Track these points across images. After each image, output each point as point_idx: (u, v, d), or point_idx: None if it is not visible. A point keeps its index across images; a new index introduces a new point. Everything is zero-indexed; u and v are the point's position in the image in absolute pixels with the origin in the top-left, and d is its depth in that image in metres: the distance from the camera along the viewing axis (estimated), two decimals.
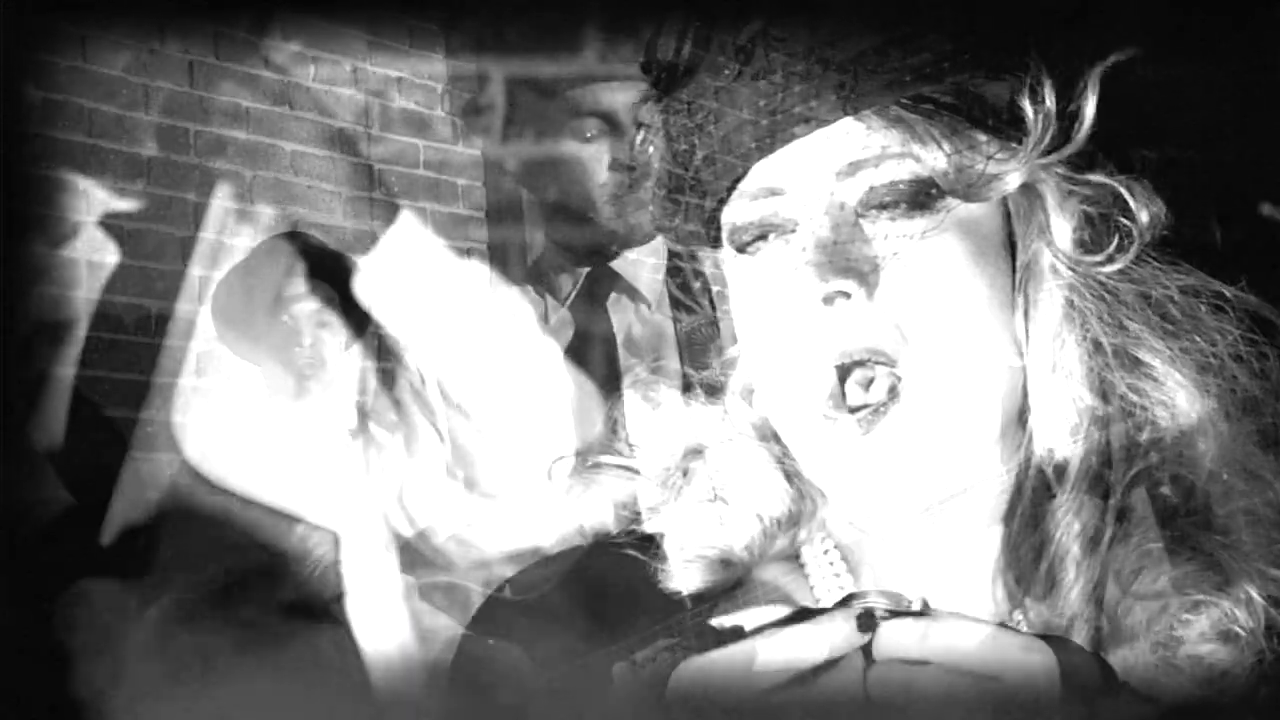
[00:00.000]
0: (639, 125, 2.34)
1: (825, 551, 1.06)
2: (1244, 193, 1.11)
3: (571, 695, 0.97)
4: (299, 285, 3.01)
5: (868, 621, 0.78)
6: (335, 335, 3.05)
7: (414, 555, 2.25)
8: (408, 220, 3.90)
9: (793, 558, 1.07)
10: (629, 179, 2.30)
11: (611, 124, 2.27)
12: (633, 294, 2.37)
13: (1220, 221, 1.01)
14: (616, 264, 2.37)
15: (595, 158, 2.29)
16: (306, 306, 3.01)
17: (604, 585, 1.07)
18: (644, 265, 2.37)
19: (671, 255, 2.42)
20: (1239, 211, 1.10)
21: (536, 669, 1.05)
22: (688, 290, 2.30)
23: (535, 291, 2.41)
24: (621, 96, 2.28)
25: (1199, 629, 0.89)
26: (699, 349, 2.26)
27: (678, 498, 1.07)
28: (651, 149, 2.31)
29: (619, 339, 2.32)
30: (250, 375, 3.09)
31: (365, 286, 3.07)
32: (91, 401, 3.38)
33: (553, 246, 2.41)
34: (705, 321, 2.38)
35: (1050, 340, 0.97)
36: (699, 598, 1.02)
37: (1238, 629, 0.88)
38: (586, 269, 2.38)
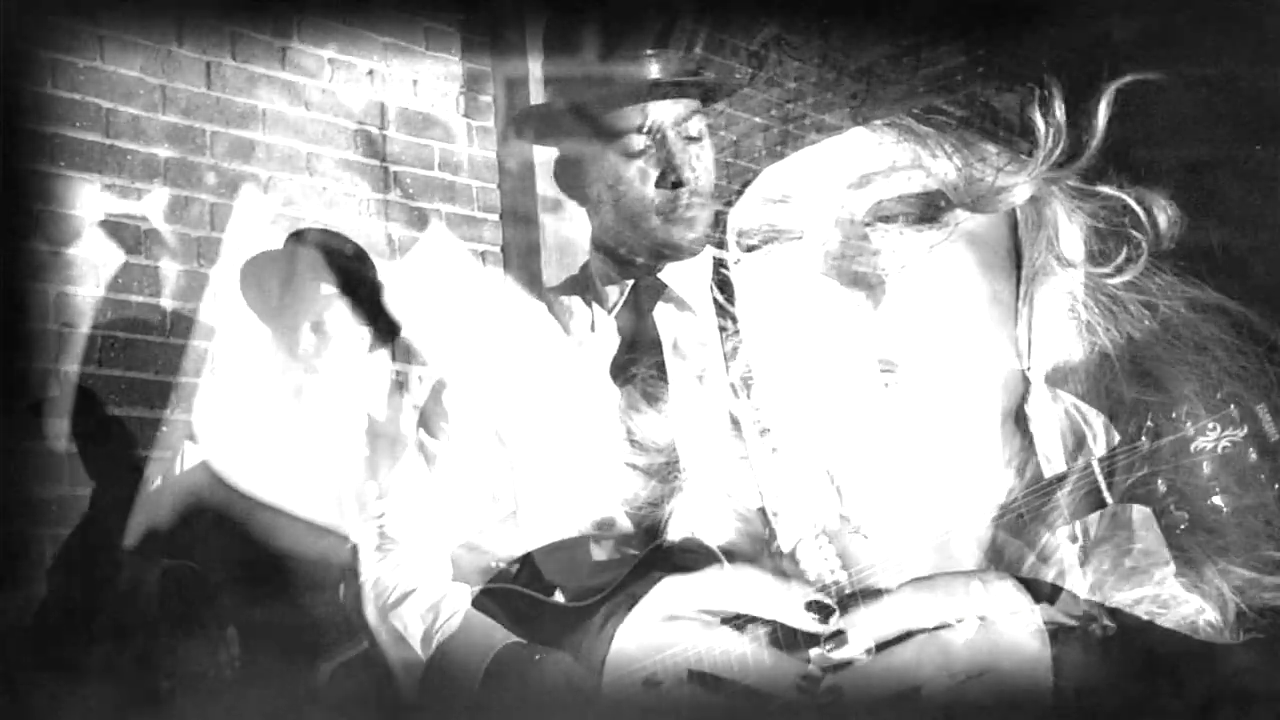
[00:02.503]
0: (688, 139, 2.35)
1: (820, 548, 1.07)
2: (1250, 203, 1.11)
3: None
4: (321, 284, 3.03)
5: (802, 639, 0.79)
6: (353, 336, 3.06)
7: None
8: (439, 230, 3.92)
9: (790, 553, 1.08)
10: (676, 194, 2.32)
11: (659, 139, 2.28)
12: (679, 303, 2.38)
13: (1224, 232, 1.01)
14: (663, 274, 2.38)
15: (642, 172, 2.30)
16: (328, 306, 3.03)
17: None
18: (690, 275, 2.37)
19: (717, 265, 2.42)
20: (1244, 222, 1.10)
21: (583, 675, 1.06)
22: (732, 299, 2.30)
23: (583, 300, 2.42)
24: (670, 111, 2.29)
25: (1168, 623, 0.89)
26: (743, 357, 2.25)
27: (682, 492, 1.08)
28: (699, 159, 2.32)
29: (666, 348, 2.33)
30: (259, 364, 3.11)
31: (393, 292, 3.09)
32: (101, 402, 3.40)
33: (600, 256, 2.42)
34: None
35: (1057, 351, 0.97)
36: None
37: (1205, 623, 0.89)
38: (633, 280, 2.39)
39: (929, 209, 0.95)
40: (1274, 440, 0.92)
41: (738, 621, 0.81)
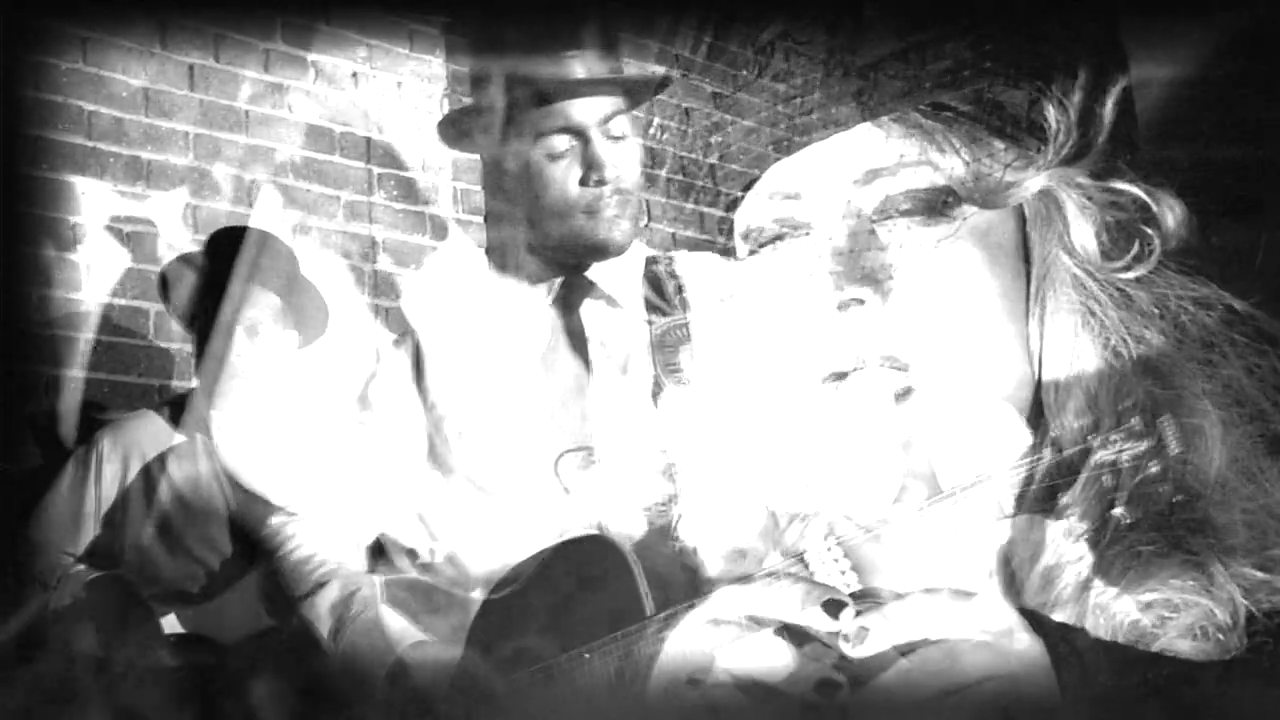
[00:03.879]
0: (612, 138, 2.34)
1: (830, 549, 1.06)
2: (1257, 201, 1.11)
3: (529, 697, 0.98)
4: (251, 284, 3.02)
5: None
6: (282, 335, 3.05)
7: (405, 567, 2.26)
8: (456, 235, 3.92)
9: (798, 554, 1.07)
10: (600, 193, 2.31)
11: (582, 139, 2.30)
12: (609, 300, 2.40)
13: (1232, 229, 1.01)
14: (590, 272, 2.40)
15: (566, 172, 2.31)
16: (259, 305, 3.02)
17: (577, 580, 1.07)
18: (618, 272, 2.40)
19: (647, 261, 2.45)
20: (1251, 220, 1.10)
21: (491, 671, 1.06)
22: (662, 294, 2.33)
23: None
24: (592, 110, 2.30)
25: (1177, 627, 0.89)
26: (671, 350, 2.29)
27: (682, 492, 1.08)
28: (622, 158, 2.30)
29: (592, 344, 2.36)
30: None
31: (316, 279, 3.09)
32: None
33: (531, 256, 2.45)
34: (678, 324, 2.41)
35: (1068, 347, 0.97)
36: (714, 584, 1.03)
37: (1214, 628, 0.89)
38: (561, 277, 2.41)
39: (937, 204, 0.95)
40: (1174, 454, 0.92)
41: (779, 627, 0.81)
